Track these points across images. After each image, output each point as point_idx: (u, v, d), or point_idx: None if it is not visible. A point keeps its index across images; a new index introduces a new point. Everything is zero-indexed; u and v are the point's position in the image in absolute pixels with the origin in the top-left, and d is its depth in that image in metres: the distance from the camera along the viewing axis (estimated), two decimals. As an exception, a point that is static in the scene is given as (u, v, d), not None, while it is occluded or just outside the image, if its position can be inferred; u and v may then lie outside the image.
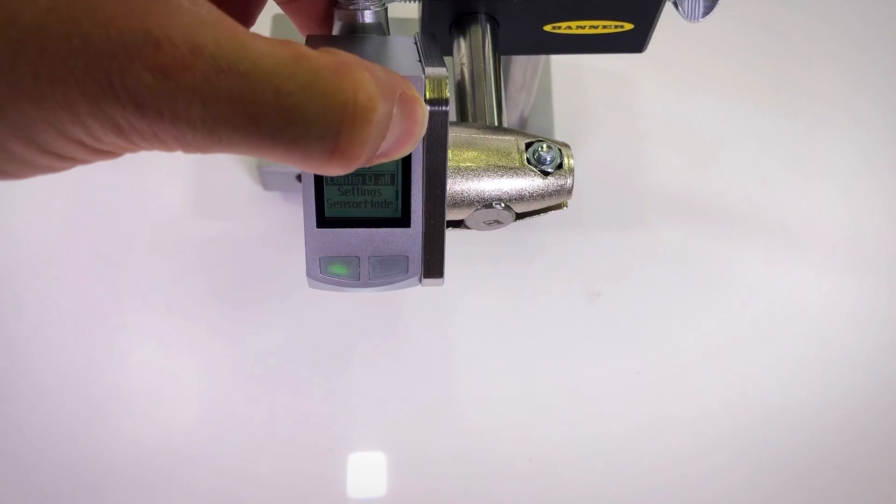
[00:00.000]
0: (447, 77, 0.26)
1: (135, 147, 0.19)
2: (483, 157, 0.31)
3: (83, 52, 0.17)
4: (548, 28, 0.40)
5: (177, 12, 0.18)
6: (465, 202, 0.31)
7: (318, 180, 0.27)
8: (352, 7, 0.29)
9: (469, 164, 0.31)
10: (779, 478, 0.54)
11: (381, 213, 0.28)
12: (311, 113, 0.19)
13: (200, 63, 0.18)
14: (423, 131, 0.23)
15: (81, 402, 0.53)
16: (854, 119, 0.68)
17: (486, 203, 0.31)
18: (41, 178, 0.21)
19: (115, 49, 0.17)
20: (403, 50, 0.28)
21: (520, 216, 0.32)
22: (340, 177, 0.27)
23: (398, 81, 0.21)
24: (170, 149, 0.19)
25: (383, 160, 0.22)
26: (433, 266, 0.29)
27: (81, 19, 0.17)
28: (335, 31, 0.30)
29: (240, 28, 0.19)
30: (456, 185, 0.31)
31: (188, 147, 0.19)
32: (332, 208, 0.28)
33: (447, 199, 0.28)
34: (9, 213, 0.59)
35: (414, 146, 0.23)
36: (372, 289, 0.29)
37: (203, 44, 0.18)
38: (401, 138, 0.22)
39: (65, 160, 0.20)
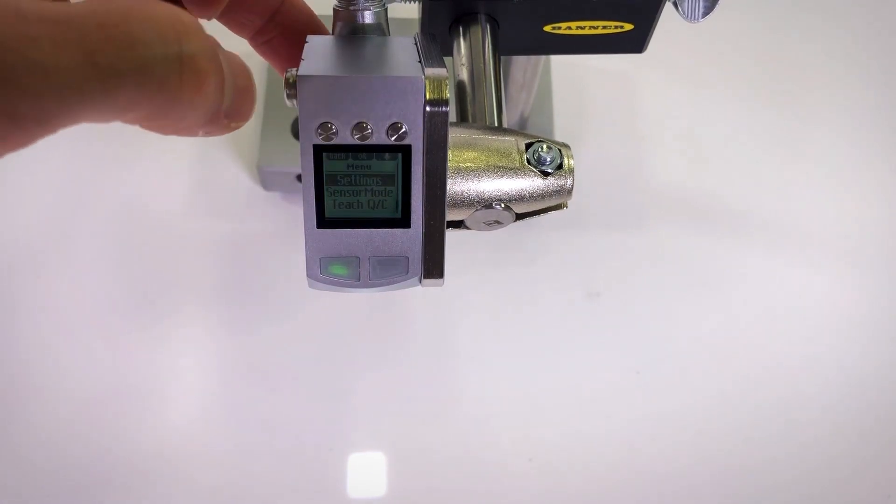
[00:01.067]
0: (447, 77, 0.26)
1: None
2: (483, 157, 0.31)
3: None
4: (548, 28, 0.40)
5: None
6: (465, 202, 0.31)
7: (319, 181, 0.27)
8: (352, 8, 0.29)
9: (469, 165, 0.31)
10: (779, 477, 0.54)
11: (381, 213, 0.28)
12: (145, 35, 0.18)
13: (5, 18, 0.17)
14: (254, 84, 0.23)
15: (81, 402, 0.53)
16: (854, 119, 0.68)
17: (486, 203, 0.31)
18: (41, 177, 0.21)
19: None
20: (403, 50, 0.28)
21: (520, 216, 0.32)
22: (341, 177, 0.27)
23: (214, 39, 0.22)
24: (4, 138, 0.18)
25: (236, 123, 0.22)
26: (433, 266, 0.29)
27: None
28: (335, 31, 0.30)
29: None
30: (456, 186, 0.31)
31: (22, 122, 0.18)
32: (332, 209, 0.28)
33: (447, 199, 0.28)
34: (9, 213, 0.59)
35: (254, 103, 0.23)
36: (372, 289, 0.29)
37: (6, 4, 0.17)
38: (240, 91, 0.22)
39: None
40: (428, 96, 0.26)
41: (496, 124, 0.37)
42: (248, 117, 0.23)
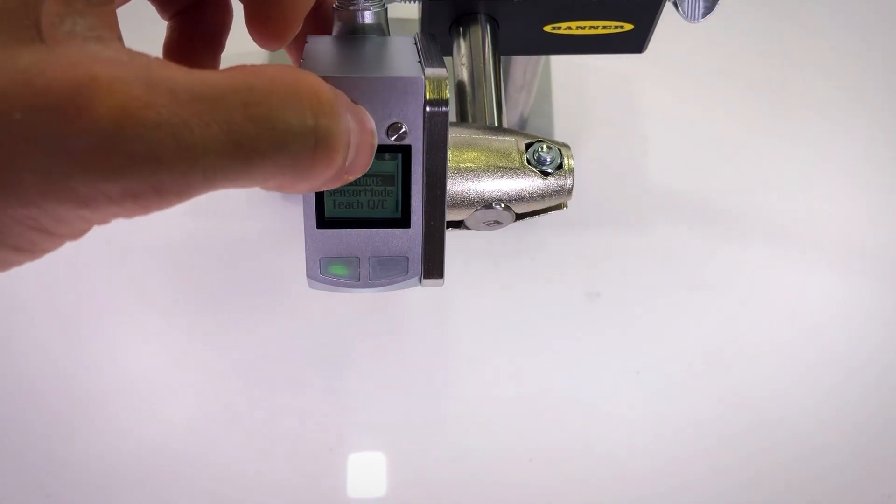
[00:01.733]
0: (447, 77, 0.26)
1: (102, 216, 0.18)
2: (483, 157, 0.31)
3: (26, 125, 0.16)
4: (548, 28, 0.40)
5: (120, 63, 0.17)
6: (465, 202, 0.31)
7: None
8: (352, 8, 0.29)
9: (469, 165, 0.31)
10: (778, 477, 0.54)
11: (381, 213, 0.28)
12: (285, 114, 0.19)
13: (160, 98, 0.17)
14: (375, 139, 0.24)
15: (81, 402, 0.53)
16: (854, 119, 0.68)
17: (486, 203, 0.31)
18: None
19: (61, 107, 0.16)
20: (403, 50, 0.28)
21: (520, 216, 0.32)
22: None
23: (340, 91, 0.22)
24: (146, 208, 0.18)
25: (350, 178, 0.22)
26: (433, 266, 0.29)
27: (18, 93, 0.16)
28: (335, 31, 0.30)
29: (185, 67, 0.18)
30: (456, 186, 0.31)
31: (166, 195, 0.18)
32: (332, 209, 0.28)
33: (447, 199, 0.28)
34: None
35: (371, 157, 0.23)
36: (372, 289, 0.29)
37: (158, 81, 0.17)
38: (360, 147, 0.22)
39: (27, 252, 0.19)
40: (428, 96, 0.26)
41: (496, 124, 0.37)
42: (365, 171, 0.23)
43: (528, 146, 0.32)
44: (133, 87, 0.17)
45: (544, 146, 0.32)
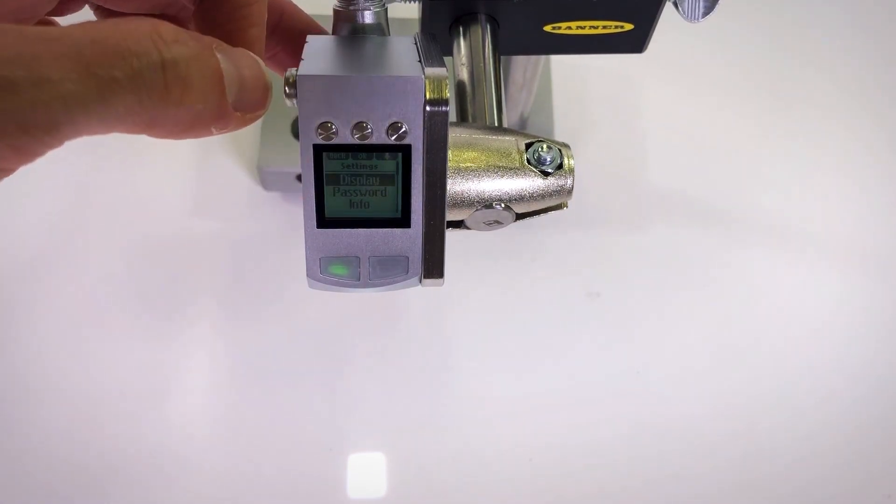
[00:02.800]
0: (447, 77, 0.26)
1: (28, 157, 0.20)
2: (483, 157, 0.31)
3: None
4: (548, 28, 0.40)
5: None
6: (465, 202, 0.31)
7: (319, 180, 0.27)
8: (352, 8, 0.29)
9: (469, 165, 0.31)
10: (778, 477, 0.54)
11: (381, 213, 0.28)
12: (130, 44, 0.20)
13: (7, 38, 0.19)
14: (265, 78, 0.25)
15: (81, 402, 0.53)
16: (855, 119, 0.68)
17: (487, 203, 0.31)
18: (41, 176, 0.21)
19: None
20: (403, 50, 0.28)
21: (520, 216, 0.32)
22: (341, 177, 0.27)
23: (212, 38, 0.23)
24: (18, 150, 0.20)
25: (252, 115, 0.24)
26: (433, 266, 0.29)
27: None
28: (335, 31, 0.30)
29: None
30: (456, 186, 0.31)
31: (34, 132, 0.19)
32: (332, 208, 0.28)
33: (447, 199, 0.28)
34: (8, 213, 0.59)
35: (266, 93, 0.24)
36: (372, 289, 0.29)
37: (7, 28, 0.19)
38: (246, 84, 0.23)
39: None
40: (428, 96, 0.26)
41: (496, 124, 0.37)
42: (263, 107, 0.25)
43: (528, 146, 0.32)
44: None
45: (544, 146, 0.32)
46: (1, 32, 0.19)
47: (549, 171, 0.31)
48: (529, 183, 0.31)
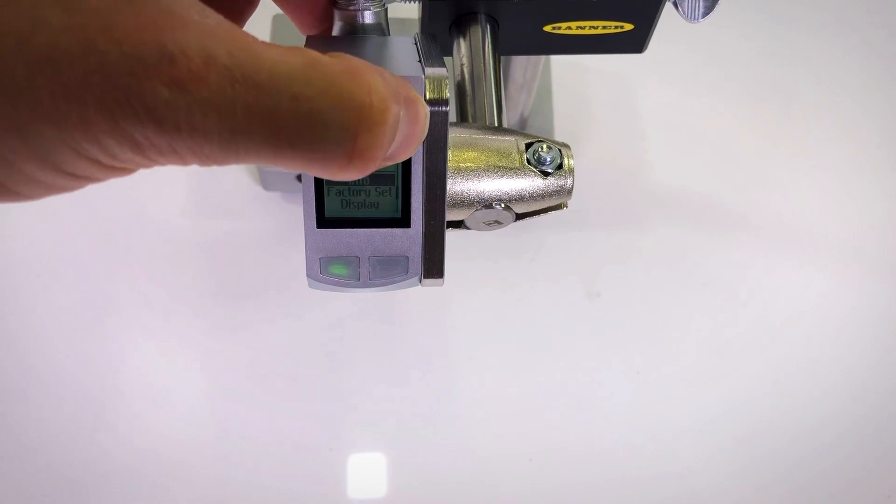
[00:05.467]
0: (447, 77, 0.26)
1: (150, 163, 0.19)
2: (483, 157, 0.31)
3: (99, 69, 0.17)
4: (548, 28, 0.40)
5: (189, 26, 0.18)
6: (465, 202, 0.31)
7: (319, 180, 0.27)
8: (352, 7, 0.29)
9: (469, 165, 0.31)
10: (778, 477, 0.54)
11: (382, 213, 0.28)
12: (329, 117, 0.19)
13: (215, 75, 0.18)
14: (426, 132, 0.23)
15: (80, 403, 0.53)
16: (855, 118, 0.68)
17: (486, 203, 0.31)
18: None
19: (131, 65, 0.17)
20: (403, 50, 0.28)
21: (520, 216, 0.32)
22: (341, 177, 0.27)
23: (402, 84, 0.22)
24: (186, 162, 0.19)
25: (389, 164, 0.22)
26: (433, 266, 0.29)
27: (96, 38, 0.17)
28: (335, 31, 0.30)
29: (251, 38, 0.19)
30: (456, 186, 0.31)
31: (205, 160, 0.19)
32: (332, 208, 0.28)
33: (447, 199, 0.28)
34: (9, 212, 0.59)
35: (417, 148, 0.23)
36: (372, 289, 0.29)
37: (216, 55, 0.18)
38: (406, 140, 0.22)
39: (79, 179, 0.20)
40: (428, 96, 0.26)
41: (496, 124, 0.37)
42: (403, 160, 0.23)
43: (528, 146, 0.32)
44: (193, 60, 0.18)
45: (544, 146, 0.32)
46: (211, 61, 0.18)
47: (549, 171, 0.31)
48: (529, 183, 0.31)
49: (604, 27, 0.40)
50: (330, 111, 0.19)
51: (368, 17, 0.30)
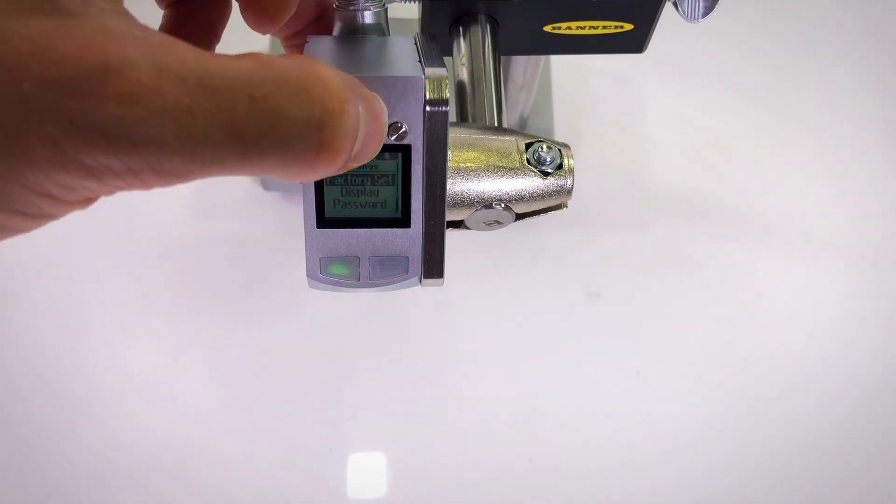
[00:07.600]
0: (447, 77, 0.26)
1: (108, 188, 0.18)
2: (483, 157, 0.31)
3: (36, 95, 0.16)
4: (548, 28, 0.40)
5: (133, 41, 0.18)
6: (465, 202, 0.31)
7: (319, 180, 0.27)
8: (352, 8, 0.29)
9: (469, 165, 0.31)
10: (779, 477, 0.54)
11: (382, 213, 0.28)
12: (290, 112, 0.19)
13: (168, 84, 0.17)
14: (386, 128, 0.23)
15: (81, 402, 0.53)
16: (855, 119, 0.68)
17: (486, 203, 0.31)
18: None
19: (71, 86, 0.16)
20: (403, 50, 0.28)
21: (520, 216, 0.32)
22: (341, 177, 0.27)
23: (356, 81, 0.21)
24: (147, 183, 0.19)
25: (355, 165, 0.22)
26: (433, 266, 0.29)
27: (29, 62, 0.16)
28: (335, 31, 0.30)
29: (198, 49, 0.19)
30: (456, 186, 0.31)
31: (167, 176, 0.18)
32: (332, 208, 0.28)
33: (447, 199, 0.28)
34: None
35: (380, 146, 0.23)
36: (372, 289, 0.29)
37: (168, 65, 0.17)
38: (369, 137, 0.22)
39: (35, 218, 0.19)
40: (428, 96, 0.26)
41: (496, 124, 0.37)
42: (370, 159, 0.23)
43: (528, 146, 0.32)
44: (142, 71, 0.17)
45: (544, 146, 0.32)
46: (162, 72, 0.17)
47: (549, 171, 0.31)
48: (529, 183, 0.31)
49: (604, 27, 0.40)
50: (290, 106, 0.19)
51: (368, 17, 0.30)
